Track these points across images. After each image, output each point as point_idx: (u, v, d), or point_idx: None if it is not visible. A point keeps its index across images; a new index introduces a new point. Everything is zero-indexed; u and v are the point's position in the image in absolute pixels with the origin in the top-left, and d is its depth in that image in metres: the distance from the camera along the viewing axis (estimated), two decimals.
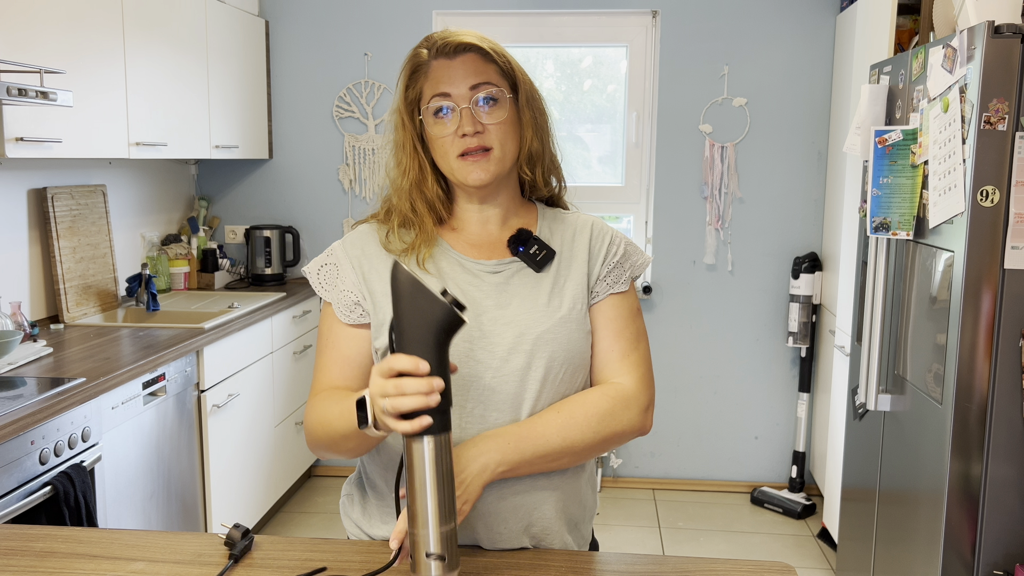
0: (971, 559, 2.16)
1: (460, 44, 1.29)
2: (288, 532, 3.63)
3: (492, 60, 1.31)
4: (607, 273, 1.38)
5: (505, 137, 1.30)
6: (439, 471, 1.07)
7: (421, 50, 1.32)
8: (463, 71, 1.29)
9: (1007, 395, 2.10)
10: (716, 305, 4.01)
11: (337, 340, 1.35)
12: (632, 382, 1.34)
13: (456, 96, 1.28)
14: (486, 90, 1.29)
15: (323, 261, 1.39)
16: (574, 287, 1.35)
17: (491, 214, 1.38)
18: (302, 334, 3.88)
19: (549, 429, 1.26)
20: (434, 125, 1.30)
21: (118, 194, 3.49)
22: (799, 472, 3.95)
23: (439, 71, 1.30)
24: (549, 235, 1.39)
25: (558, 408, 1.28)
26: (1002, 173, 2.04)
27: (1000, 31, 2.01)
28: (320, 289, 1.38)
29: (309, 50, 4.04)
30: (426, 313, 1.05)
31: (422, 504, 1.07)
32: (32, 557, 1.29)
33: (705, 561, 1.30)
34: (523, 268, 1.35)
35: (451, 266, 1.35)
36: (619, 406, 1.31)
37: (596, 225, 1.42)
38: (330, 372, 1.35)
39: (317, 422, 1.29)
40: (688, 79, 3.89)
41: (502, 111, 1.30)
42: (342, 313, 1.35)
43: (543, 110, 1.38)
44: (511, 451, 1.23)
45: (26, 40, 2.38)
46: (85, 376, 2.31)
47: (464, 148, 1.28)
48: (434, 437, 1.06)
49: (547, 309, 1.32)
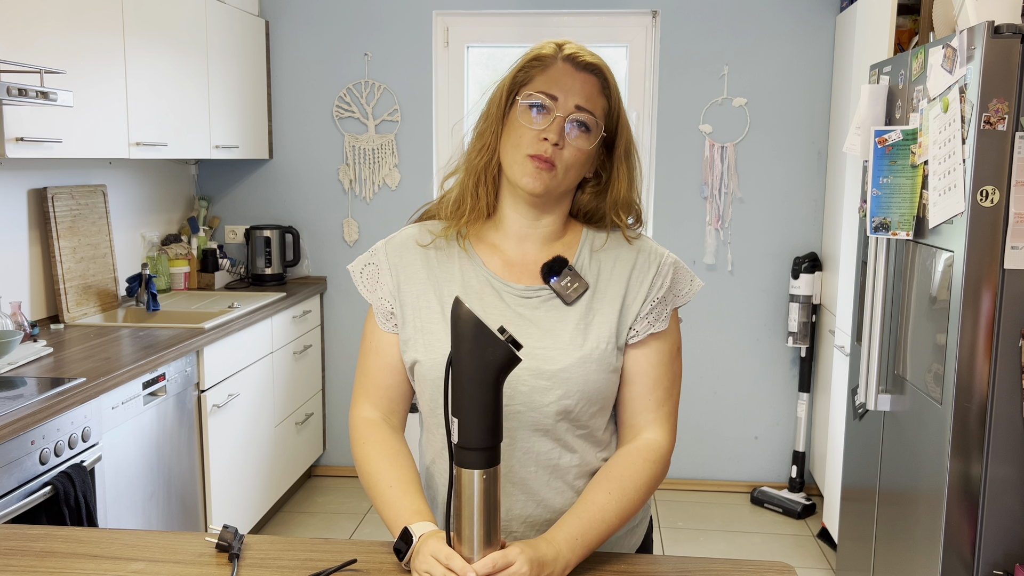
0: (971, 559, 2.16)
1: (590, 64, 1.29)
2: (288, 532, 3.63)
3: (607, 96, 1.30)
4: (649, 311, 1.33)
5: (573, 164, 1.29)
6: (487, 502, 1.13)
7: (548, 45, 1.32)
8: (581, 87, 1.28)
9: (1007, 395, 2.10)
10: (716, 305, 4.00)
11: (379, 345, 1.37)
12: (664, 436, 1.33)
13: (562, 104, 1.27)
14: (587, 117, 1.28)
15: (367, 260, 1.40)
16: (602, 324, 1.31)
17: (532, 232, 1.35)
18: (302, 334, 3.88)
19: (608, 514, 1.26)
20: (523, 113, 1.29)
21: (118, 194, 3.49)
22: (799, 472, 3.95)
23: (559, 74, 1.29)
24: (587, 261, 1.35)
25: (608, 489, 1.27)
26: (1002, 173, 2.04)
27: (1000, 31, 2.01)
28: (362, 289, 1.38)
29: (309, 50, 4.04)
30: (486, 352, 1.08)
31: (469, 530, 1.14)
32: (32, 557, 1.29)
33: (705, 561, 1.30)
34: (553, 297, 1.32)
35: (480, 284, 1.33)
36: (660, 468, 1.32)
37: (643, 252, 1.36)
38: (374, 378, 1.38)
39: (364, 471, 1.34)
40: (688, 79, 3.89)
41: (587, 142, 1.29)
42: (380, 320, 1.37)
43: (637, 165, 1.36)
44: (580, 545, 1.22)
45: (26, 40, 2.38)
46: (85, 376, 2.31)
47: (537, 151, 1.27)
48: (484, 471, 1.12)
49: (568, 346, 1.29)
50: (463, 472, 1.12)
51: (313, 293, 3.99)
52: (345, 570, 1.25)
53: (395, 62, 4.00)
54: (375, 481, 1.31)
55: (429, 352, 1.32)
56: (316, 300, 4.09)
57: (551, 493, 1.32)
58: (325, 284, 4.15)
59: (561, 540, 1.21)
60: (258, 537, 1.36)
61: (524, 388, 1.27)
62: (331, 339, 4.19)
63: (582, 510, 1.25)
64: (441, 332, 1.31)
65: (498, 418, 1.12)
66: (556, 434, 1.30)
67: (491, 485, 1.13)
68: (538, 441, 1.30)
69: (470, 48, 4.07)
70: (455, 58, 4.05)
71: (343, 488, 4.10)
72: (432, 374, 1.31)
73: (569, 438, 1.32)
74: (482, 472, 1.12)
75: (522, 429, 1.29)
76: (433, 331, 1.32)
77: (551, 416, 1.29)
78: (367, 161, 4.07)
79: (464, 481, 1.13)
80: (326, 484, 4.15)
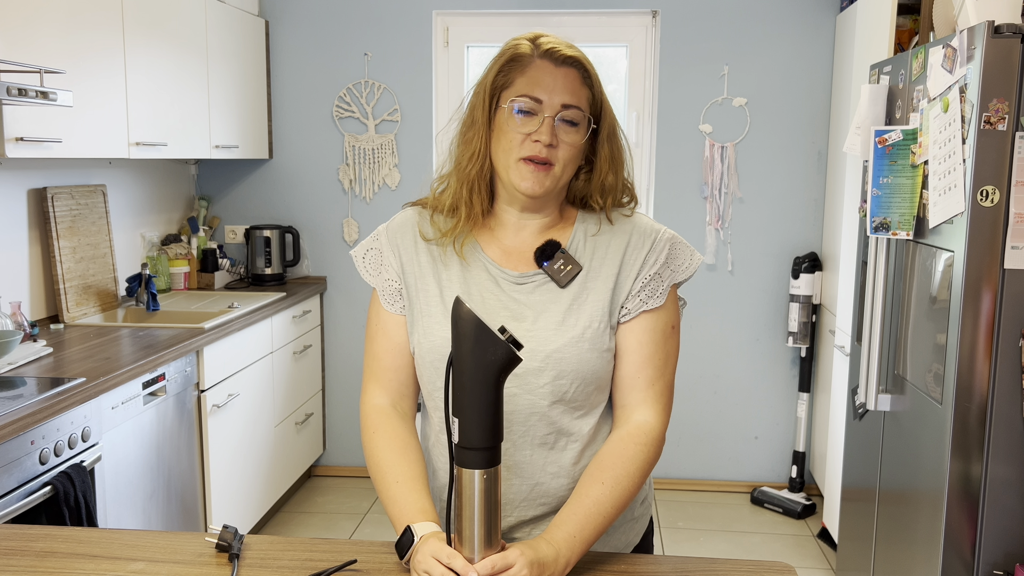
0: (971, 559, 2.16)
1: (569, 57, 1.28)
2: (288, 532, 3.63)
3: (588, 86, 1.30)
4: (641, 288, 1.33)
5: (569, 160, 1.30)
6: (487, 501, 1.13)
7: (523, 42, 1.30)
8: (563, 84, 1.27)
9: (1007, 395, 2.10)
10: (716, 305, 4.00)
11: (386, 327, 1.37)
12: (656, 417, 1.33)
13: (547, 105, 1.27)
14: (573, 113, 1.27)
15: (369, 245, 1.40)
16: (594, 305, 1.31)
17: (529, 223, 1.35)
18: (302, 334, 3.88)
19: (604, 506, 1.25)
20: (510, 119, 1.28)
21: (118, 194, 3.49)
22: (799, 472, 3.95)
23: (540, 73, 1.28)
24: (582, 243, 1.35)
25: (602, 479, 1.26)
26: (1002, 173, 2.04)
27: (1000, 31, 2.01)
28: (366, 274, 1.38)
29: (309, 50, 4.04)
30: (487, 352, 1.08)
31: (469, 530, 1.14)
32: (32, 557, 1.29)
33: (705, 561, 1.30)
34: (548, 281, 1.32)
35: (477, 269, 1.34)
36: (653, 451, 1.31)
37: (637, 229, 1.36)
38: (382, 360, 1.37)
39: (372, 462, 1.34)
40: (688, 79, 3.89)
41: (578, 136, 1.29)
42: (387, 301, 1.36)
43: (622, 145, 1.36)
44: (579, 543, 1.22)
45: (26, 40, 2.38)
46: (85, 376, 2.31)
47: (532, 154, 1.27)
48: (484, 471, 1.12)
49: (560, 327, 1.29)
50: (463, 472, 1.13)
51: (313, 293, 3.99)
52: (345, 570, 1.25)
53: (395, 62, 4.00)
54: (382, 475, 1.32)
55: (428, 336, 1.33)
56: (316, 300, 4.09)
57: (547, 477, 1.33)
58: (325, 284, 4.15)
59: (560, 539, 1.21)
60: (258, 537, 1.37)
61: (518, 370, 1.27)
62: (331, 339, 4.19)
63: (578, 505, 1.25)
64: (439, 316, 1.33)
65: (499, 418, 1.12)
66: (551, 417, 1.30)
67: (492, 485, 1.13)
68: (534, 425, 1.31)
69: (470, 48, 4.07)
70: (455, 58, 4.05)
71: (343, 488, 4.10)
72: (430, 356, 1.32)
73: (566, 421, 1.32)
74: (483, 472, 1.12)
75: (518, 412, 1.30)
76: (432, 314, 1.33)
77: (546, 397, 1.29)
78: (367, 161, 4.07)
79: (464, 481, 1.13)
80: (326, 484, 4.15)
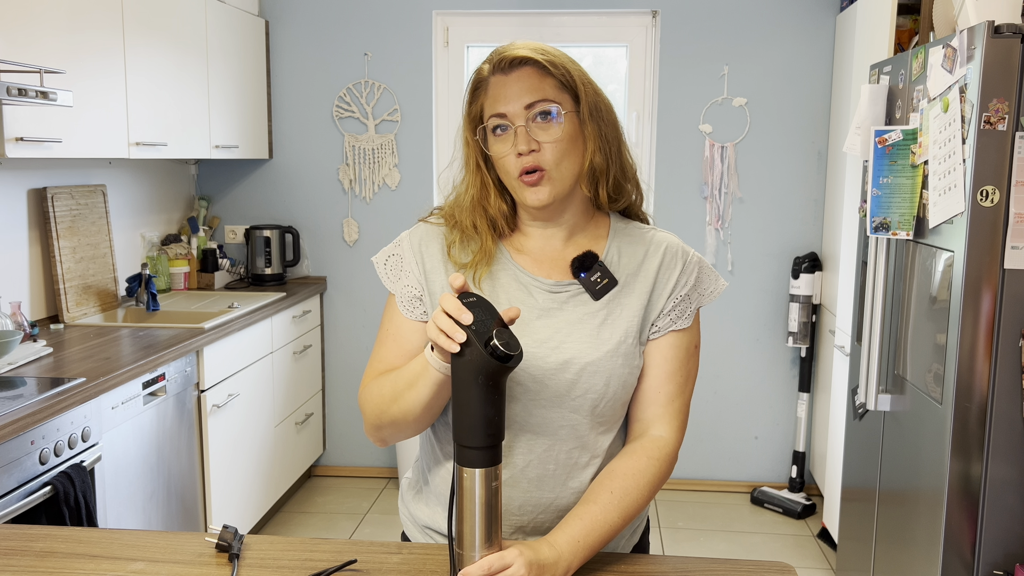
0: (971, 559, 2.16)
1: (515, 58, 1.25)
2: (288, 532, 3.63)
3: (549, 73, 1.26)
4: (672, 308, 1.32)
5: (562, 156, 1.26)
6: (487, 500, 1.13)
7: (483, 65, 1.30)
8: (518, 88, 1.25)
9: (1007, 395, 2.10)
10: (716, 305, 4.00)
11: (399, 332, 1.35)
12: (672, 434, 1.33)
13: (512, 115, 1.25)
14: (541, 107, 1.25)
15: (391, 251, 1.39)
16: (628, 320, 1.30)
17: (554, 232, 1.34)
18: (302, 334, 3.88)
19: (611, 515, 1.24)
20: (494, 144, 1.28)
21: (118, 194, 3.49)
22: (799, 472, 3.95)
23: (496, 88, 1.26)
24: (617, 256, 1.34)
25: (611, 488, 1.26)
26: (1002, 173, 2.04)
27: (1000, 31, 2.01)
28: (385, 280, 1.37)
29: (309, 50, 4.04)
30: (475, 361, 1.09)
31: (469, 529, 1.14)
32: (32, 557, 1.29)
33: (705, 561, 1.30)
34: (581, 292, 1.31)
35: (508, 279, 1.33)
36: (666, 467, 1.30)
37: (670, 249, 1.35)
38: (389, 364, 1.34)
39: (376, 392, 1.29)
40: (688, 79, 3.89)
41: (558, 128, 1.25)
42: (405, 307, 1.35)
43: (610, 121, 1.31)
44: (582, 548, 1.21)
45: (26, 40, 2.38)
46: (85, 376, 2.31)
47: (521, 168, 1.25)
48: (484, 470, 1.12)
49: (595, 341, 1.28)
50: (464, 471, 1.13)
51: (313, 293, 3.99)
52: (345, 570, 1.25)
53: (395, 62, 4.00)
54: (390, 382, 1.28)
55: None
56: (316, 300, 4.09)
57: (567, 493, 1.31)
58: (325, 284, 4.15)
59: (563, 542, 1.20)
60: (258, 537, 1.37)
61: (551, 383, 1.27)
62: (331, 339, 4.19)
63: (584, 511, 1.24)
64: None
65: (500, 417, 1.12)
66: (580, 431, 1.30)
67: (492, 484, 1.13)
68: (563, 438, 1.29)
69: (470, 48, 4.07)
70: (455, 58, 4.05)
71: (343, 488, 4.10)
72: None
73: (591, 437, 1.31)
74: (483, 471, 1.12)
75: (547, 424, 1.28)
76: None
77: (578, 411, 1.28)
78: (367, 161, 4.07)
79: (465, 480, 1.13)
80: (326, 484, 4.15)
